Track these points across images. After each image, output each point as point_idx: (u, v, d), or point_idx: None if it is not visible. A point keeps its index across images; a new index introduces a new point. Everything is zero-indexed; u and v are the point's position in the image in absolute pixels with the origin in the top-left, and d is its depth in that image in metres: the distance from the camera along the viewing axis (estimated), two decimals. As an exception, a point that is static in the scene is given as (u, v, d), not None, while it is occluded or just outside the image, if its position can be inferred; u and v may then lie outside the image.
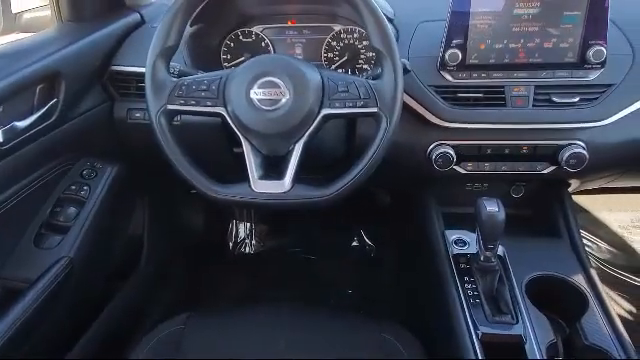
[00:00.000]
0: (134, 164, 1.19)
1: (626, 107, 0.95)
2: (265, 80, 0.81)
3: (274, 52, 1.18)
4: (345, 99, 0.82)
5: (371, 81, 0.82)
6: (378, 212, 1.79)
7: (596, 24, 0.91)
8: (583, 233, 1.74)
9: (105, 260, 1.17)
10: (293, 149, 0.84)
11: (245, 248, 1.84)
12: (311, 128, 0.83)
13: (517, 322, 0.84)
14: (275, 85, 0.81)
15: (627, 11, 1.01)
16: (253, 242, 1.85)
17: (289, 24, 1.17)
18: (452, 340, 0.85)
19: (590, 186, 1.23)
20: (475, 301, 0.88)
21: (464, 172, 1.04)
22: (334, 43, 1.16)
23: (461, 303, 0.88)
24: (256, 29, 1.17)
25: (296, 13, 1.15)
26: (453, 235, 1.04)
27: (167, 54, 0.85)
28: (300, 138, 0.83)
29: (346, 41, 1.15)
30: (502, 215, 0.85)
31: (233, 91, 0.82)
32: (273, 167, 0.88)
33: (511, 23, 0.94)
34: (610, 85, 0.95)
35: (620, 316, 1.53)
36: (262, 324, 0.96)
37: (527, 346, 0.80)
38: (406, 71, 0.92)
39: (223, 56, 1.18)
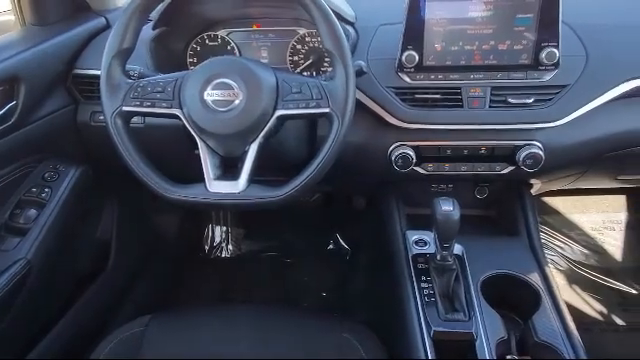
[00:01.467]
0: (100, 167, 1.19)
1: (580, 108, 0.96)
2: (218, 82, 0.82)
3: (240, 56, 1.19)
4: (298, 100, 0.83)
5: (323, 82, 0.84)
6: (354, 215, 1.79)
7: (548, 26, 0.93)
8: (556, 234, 1.77)
9: (69, 262, 1.17)
10: (248, 150, 0.85)
11: (221, 252, 1.84)
12: (266, 129, 0.84)
13: (469, 320, 0.85)
14: (228, 87, 0.82)
15: (580, 13, 1.03)
16: (229, 246, 1.85)
17: (254, 28, 1.18)
18: (406, 338, 0.85)
19: (553, 187, 1.24)
20: (430, 300, 0.89)
21: (425, 173, 1.05)
22: (299, 46, 1.17)
23: (416, 302, 0.89)
24: (222, 33, 1.18)
25: (261, 17, 1.16)
26: (414, 236, 1.04)
27: (123, 56, 0.86)
28: (255, 139, 0.84)
29: (311, 44, 1.16)
30: (457, 215, 0.86)
31: (188, 93, 0.83)
32: (230, 168, 0.89)
33: (466, 26, 0.95)
34: (564, 86, 0.96)
35: (591, 317, 1.56)
36: (224, 325, 0.97)
37: (477, 343, 0.81)
38: (362, 73, 0.94)
39: (189, 59, 1.19)
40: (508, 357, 0.83)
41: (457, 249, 0.99)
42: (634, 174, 1.19)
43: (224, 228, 1.86)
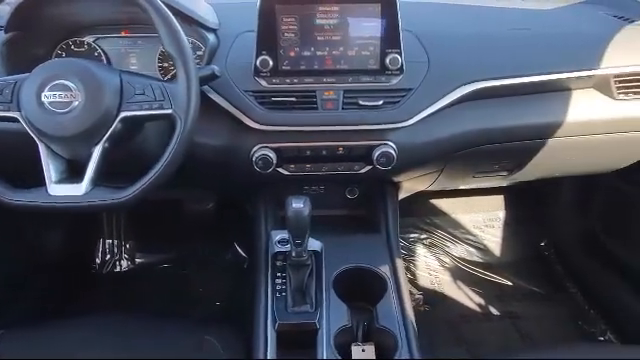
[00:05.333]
0: None
1: (424, 109, 1.04)
2: (56, 83, 0.82)
3: (107, 62, 1.18)
4: (142, 102, 0.84)
5: (167, 84, 0.85)
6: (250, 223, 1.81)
7: (390, 34, 1.00)
8: (443, 234, 1.88)
9: None
10: (93, 152, 0.84)
11: (114, 266, 1.78)
12: (110, 131, 0.84)
13: (315, 311, 0.88)
14: (66, 88, 0.82)
15: (424, 22, 1.12)
16: (122, 260, 1.79)
17: (122, 34, 1.17)
18: (253, 333, 0.87)
19: (418, 187, 1.32)
20: (281, 295, 0.92)
21: (287, 174, 1.08)
22: None
23: (266, 298, 0.92)
24: (88, 39, 1.16)
25: (128, 23, 1.16)
26: (278, 235, 1.07)
27: None
28: (99, 141, 0.84)
29: (180, 50, 1.17)
30: (307, 211, 0.89)
31: (25, 95, 0.82)
32: (77, 171, 0.87)
33: (315, 32, 1.00)
34: (409, 89, 1.04)
35: (471, 309, 1.66)
36: (82, 335, 0.94)
37: (319, 333, 0.85)
38: (215, 76, 0.96)
39: (54, 66, 1.16)
40: (353, 344, 0.87)
41: (316, 245, 1.03)
42: (487, 172, 1.29)
43: (116, 241, 1.80)
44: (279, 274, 0.97)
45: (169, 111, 0.84)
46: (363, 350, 0.86)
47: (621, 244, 1.55)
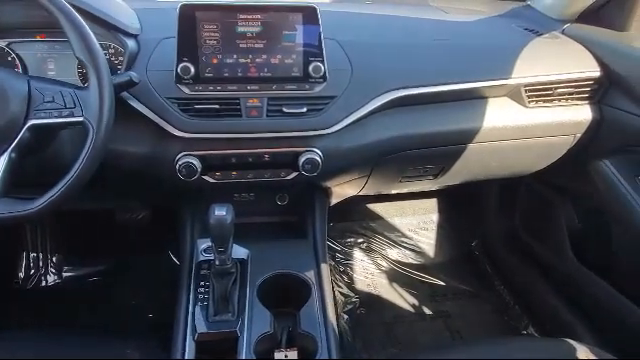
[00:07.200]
0: None
1: (348, 116, 1.06)
2: None
3: (23, 68, 1.12)
4: (51, 109, 0.82)
5: (78, 90, 0.83)
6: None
7: (312, 43, 1.01)
8: (379, 237, 1.92)
9: None
10: None
11: (39, 281, 1.69)
12: (17, 140, 0.81)
13: (236, 319, 0.88)
14: None
15: (346, 32, 1.15)
16: (48, 274, 1.70)
17: (38, 38, 1.12)
18: (172, 344, 0.86)
19: (348, 192, 1.34)
20: (203, 304, 0.91)
21: (213, 181, 1.07)
22: None
23: (187, 307, 0.90)
24: (0, 43, 1.10)
25: (43, 27, 1.11)
26: (204, 244, 1.06)
27: None
28: (4, 151, 0.80)
29: (101, 56, 1.14)
30: (229, 219, 0.88)
31: None
32: None
33: (237, 40, 1.00)
34: (333, 97, 1.05)
35: (405, 310, 1.70)
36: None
37: (239, 340, 0.84)
38: (133, 83, 0.94)
39: (-38, 72, 1.10)
40: (276, 350, 0.87)
41: (242, 253, 1.03)
42: (414, 176, 1.33)
43: (41, 254, 1.71)
44: (202, 283, 0.96)
45: (80, 119, 0.81)
46: (286, 355, 0.87)
47: (539, 243, 1.64)
